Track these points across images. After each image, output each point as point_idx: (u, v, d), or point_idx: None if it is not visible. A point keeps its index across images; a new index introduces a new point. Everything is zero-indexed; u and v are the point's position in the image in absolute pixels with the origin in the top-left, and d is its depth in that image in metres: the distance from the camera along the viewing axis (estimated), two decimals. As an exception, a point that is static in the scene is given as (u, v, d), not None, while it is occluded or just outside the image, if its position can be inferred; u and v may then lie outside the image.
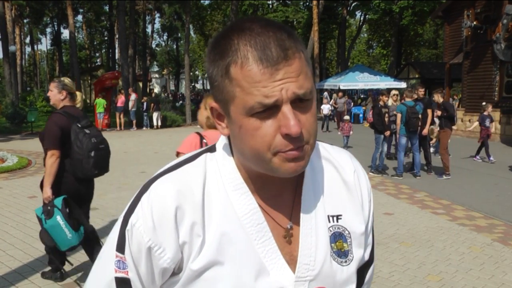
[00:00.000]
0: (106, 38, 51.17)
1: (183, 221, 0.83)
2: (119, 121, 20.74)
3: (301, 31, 37.33)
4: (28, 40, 58.23)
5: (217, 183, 0.87)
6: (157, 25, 60.47)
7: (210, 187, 0.87)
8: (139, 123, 21.29)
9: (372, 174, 9.48)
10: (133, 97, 21.32)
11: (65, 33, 53.10)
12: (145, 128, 21.17)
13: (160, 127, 21.41)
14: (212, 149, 0.93)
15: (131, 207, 0.87)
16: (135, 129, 20.84)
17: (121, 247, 0.86)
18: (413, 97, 9.42)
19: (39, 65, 64.45)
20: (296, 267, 0.87)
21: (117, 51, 38.99)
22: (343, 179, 0.95)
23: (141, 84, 38.93)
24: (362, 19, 41.80)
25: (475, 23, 17.13)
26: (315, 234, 0.88)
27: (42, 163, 3.88)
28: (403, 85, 24.49)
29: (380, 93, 10.50)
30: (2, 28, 23.21)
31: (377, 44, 47.63)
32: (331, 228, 0.91)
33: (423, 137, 9.63)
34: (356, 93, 30.29)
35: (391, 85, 25.23)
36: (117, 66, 37.52)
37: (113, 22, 41.58)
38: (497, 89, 17.22)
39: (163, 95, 45.73)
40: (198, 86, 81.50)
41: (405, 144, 9.40)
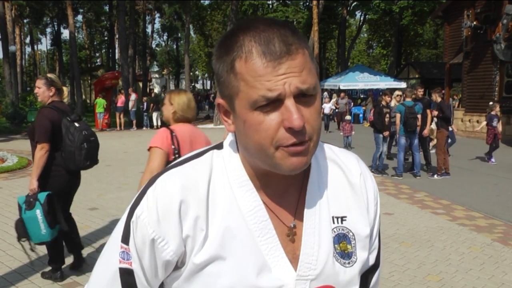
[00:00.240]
0: (106, 38, 51.16)
1: (187, 215, 0.84)
2: (119, 121, 20.76)
3: (301, 31, 37.18)
4: (28, 40, 58.25)
5: (222, 179, 0.88)
6: (157, 25, 60.56)
7: (215, 183, 0.88)
8: (139, 123, 21.30)
9: (373, 174, 9.47)
10: (133, 97, 21.33)
11: (65, 33, 53.13)
12: (145, 128, 21.18)
13: (160, 127, 21.42)
14: (219, 146, 0.94)
15: (137, 199, 0.88)
16: (135, 129, 20.85)
17: (126, 238, 0.88)
18: (412, 97, 9.43)
19: (39, 65, 64.45)
20: (298, 265, 0.87)
21: (117, 51, 39.02)
22: (349, 181, 0.96)
23: (141, 84, 38.95)
24: (362, 19, 41.81)
25: (475, 23, 17.14)
26: (318, 233, 0.89)
27: (31, 157, 3.99)
28: (403, 85, 24.48)
29: (383, 93, 10.48)
30: (2, 28, 23.21)
31: (377, 44, 47.63)
32: (335, 229, 0.91)
33: (423, 137, 9.64)
34: (356, 93, 30.26)
35: (391, 85, 25.23)
36: (117, 66, 37.53)
37: (113, 22, 41.59)
38: (497, 89, 17.22)
39: (163, 95, 45.73)
40: (198, 86, 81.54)
41: (404, 144, 9.41)
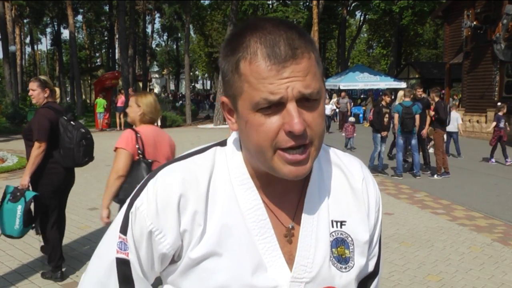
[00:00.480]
0: (106, 38, 51.15)
1: (186, 209, 0.85)
2: (119, 121, 20.75)
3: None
4: (28, 40, 58.22)
5: (224, 176, 0.88)
6: (157, 25, 60.56)
7: (216, 179, 0.88)
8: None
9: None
10: (133, 97, 21.31)
11: (65, 33, 53.13)
12: (145, 128, 21.15)
13: (160, 127, 21.39)
14: (223, 143, 0.94)
15: (137, 191, 0.89)
16: (135, 129, 20.83)
17: (124, 228, 0.88)
18: (410, 97, 9.44)
19: (39, 65, 64.43)
20: (293, 267, 0.87)
21: (117, 51, 39.01)
22: (351, 186, 0.95)
23: (141, 84, 38.96)
24: (362, 19, 41.79)
25: (475, 23, 17.14)
26: (315, 236, 0.88)
27: (26, 157, 4.11)
28: (403, 85, 24.46)
29: (382, 93, 10.47)
30: (2, 28, 23.20)
31: (377, 44, 47.60)
32: (334, 233, 0.91)
33: (421, 137, 9.65)
34: (356, 93, 30.26)
35: (391, 85, 25.22)
36: (117, 66, 37.52)
37: (113, 22, 41.58)
38: (497, 89, 17.23)
39: (163, 95, 45.75)
40: (198, 86, 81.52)
41: (403, 144, 9.41)
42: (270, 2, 38.53)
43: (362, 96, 30.22)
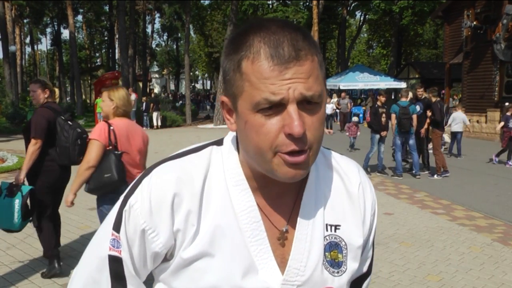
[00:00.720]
0: (106, 38, 51.15)
1: (180, 208, 0.84)
2: (119, 121, 20.74)
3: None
4: (28, 40, 58.19)
5: (219, 176, 0.87)
6: (157, 25, 60.54)
7: (211, 179, 0.87)
8: (139, 123, 21.25)
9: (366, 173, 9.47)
10: (133, 97, 21.30)
11: (65, 33, 53.13)
12: (145, 128, 21.17)
13: (160, 127, 21.41)
14: (219, 142, 0.93)
15: (131, 189, 0.88)
16: (135, 129, 20.84)
17: (117, 226, 0.87)
18: (407, 97, 9.45)
19: (39, 65, 64.44)
20: (285, 270, 0.86)
21: (117, 51, 39.00)
22: (347, 190, 0.95)
23: (141, 84, 38.93)
24: (362, 19, 41.78)
25: (475, 23, 17.14)
26: (309, 240, 0.88)
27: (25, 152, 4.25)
28: (403, 85, 24.47)
29: (378, 93, 10.47)
30: (2, 28, 23.21)
31: (377, 44, 47.59)
32: (327, 237, 0.90)
33: (420, 137, 9.66)
34: (356, 93, 30.26)
35: (391, 85, 25.23)
36: (117, 66, 37.52)
37: (113, 22, 41.58)
38: (497, 89, 17.23)
39: (163, 95, 45.73)
40: (198, 86, 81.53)
41: (401, 144, 9.41)
42: (270, 2, 38.51)
43: (362, 96, 30.21)
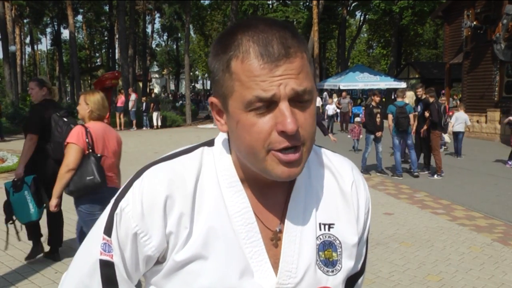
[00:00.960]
0: (106, 38, 51.14)
1: (172, 211, 0.83)
2: (119, 121, 20.76)
3: (301, 31, 37.18)
4: (28, 40, 58.19)
5: (211, 177, 0.86)
6: (157, 25, 60.51)
7: (203, 180, 0.86)
8: (139, 123, 21.30)
9: (362, 173, 9.47)
10: (133, 97, 21.33)
11: (65, 33, 53.10)
12: (145, 128, 21.18)
13: (160, 127, 21.41)
14: (210, 143, 0.92)
15: (122, 191, 0.86)
16: (135, 129, 20.85)
17: (108, 230, 0.85)
18: (403, 97, 9.46)
19: (39, 65, 64.43)
20: (278, 272, 0.85)
21: (117, 51, 39.01)
22: (340, 188, 0.94)
23: (141, 84, 38.93)
24: (362, 19, 41.79)
25: (475, 23, 17.14)
26: (299, 241, 0.87)
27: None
28: (403, 85, 24.46)
29: (372, 93, 10.46)
30: (2, 28, 23.20)
31: (377, 44, 47.60)
32: (321, 236, 0.89)
33: (421, 137, 9.66)
34: (356, 93, 30.25)
35: (391, 85, 25.22)
36: (117, 66, 37.53)
37: (113, 22, 41.57)
38: (497, 89, 17.22)
39: (163, 95, 45.73)
40: (198, 86, 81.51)
41: (399, 144, 9.42)
42: (270, 2, 38.56)
43: (363, 96, 30.19)
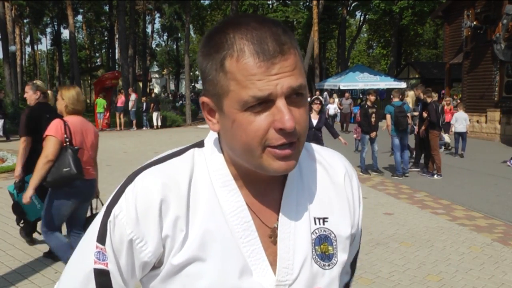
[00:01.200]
0: (106, 38, 51.13)
1: (167, 214, 0.81)
2: (119, 121, 20.76)
3: (301, 31, 37.32)
4: (28, 40, 58.18)
5: (204, 178, 0.86)
6: (157, 25, 60.47)
7: (197, 182, 0.85)
8: (139, 123, 21.30)
9: (362, 174, 9.50)
10: (133, 97, 21.33)
11: (65, 33, 53.10)
12: (145, 128, 21.18)
13: (160, 127, 21.41)
14: (200, 144, 0.91)
15: (114, 198, 0.84)
16: (135, 129, 20.85)
17: (102, 238, 0.84)
18: (399, 97, 9.46)
19: (39, 65, 64.42)
20: (276, 270, 0.85)
21: (117, 51, 39.00)
22: (332, 181, 0.94)
23: (141, 84, 38.95)
24: (362, 19, 41.78)
25: (475, 23, 17.14)
26: (293, 237, 0.86)
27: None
28: (403, 85, 24.46)
29: (367, 93, 10.43)
30: (2, 28, 23.20)
31: (377, 44, 47.62)
32: (316, 231, 0.89)
33: (421, 137, 9.66)
34: (357, 93, 30.25)
35: (391, 85, 25.21)
36: (117, 66, 37.52)
37: (113, 22, 41.57)
38: (497, 89, 17.22)
39: (163, 95, 45.74)
40: (198, 86, 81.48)
41: (399, 144, 9.41)
42: (270, 2, 38.56)
43: (363, 97, 30.18)
